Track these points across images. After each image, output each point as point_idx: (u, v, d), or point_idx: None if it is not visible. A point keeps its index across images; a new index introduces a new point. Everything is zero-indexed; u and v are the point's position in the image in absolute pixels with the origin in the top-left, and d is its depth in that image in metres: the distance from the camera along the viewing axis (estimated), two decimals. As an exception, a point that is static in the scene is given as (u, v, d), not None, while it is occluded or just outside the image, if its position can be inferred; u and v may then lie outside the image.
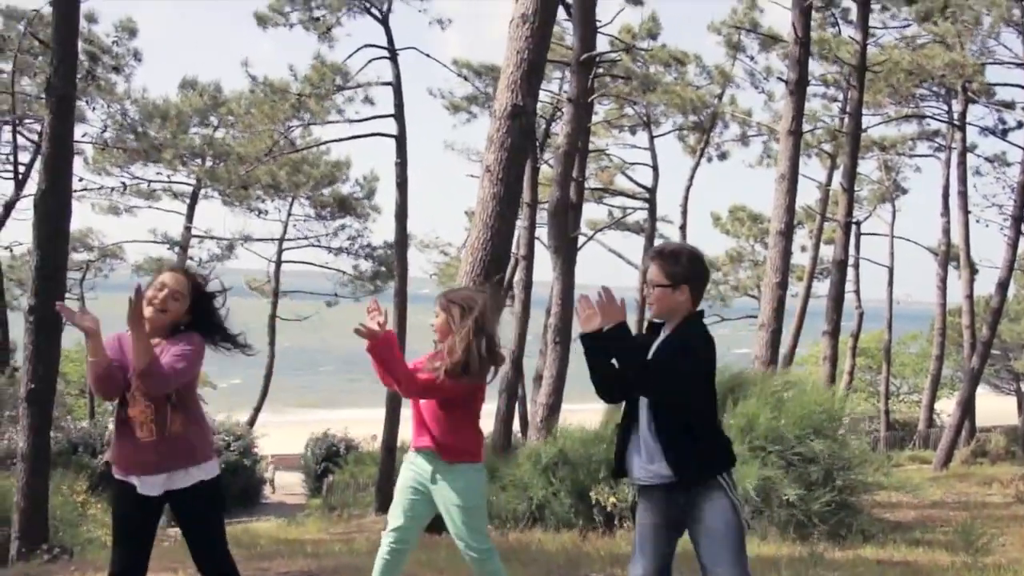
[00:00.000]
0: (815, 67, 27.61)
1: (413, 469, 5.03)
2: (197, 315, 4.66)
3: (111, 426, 4.66)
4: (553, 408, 15.84)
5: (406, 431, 25.71)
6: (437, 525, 5.25)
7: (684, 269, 4.30)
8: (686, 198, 31.62)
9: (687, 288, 4.30)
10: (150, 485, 4.50)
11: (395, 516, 5.02)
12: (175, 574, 6.92)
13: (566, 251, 15.87)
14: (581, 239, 25.43)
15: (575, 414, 13.99)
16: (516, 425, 22.93)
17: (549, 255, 16.38)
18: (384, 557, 4.99)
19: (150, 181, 29.36)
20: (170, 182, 30.21)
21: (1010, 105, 31.24)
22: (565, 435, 11.86)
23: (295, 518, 21.64)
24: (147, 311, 4.48)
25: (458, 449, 4.94)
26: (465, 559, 5.01)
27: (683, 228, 31.58)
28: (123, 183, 27.96)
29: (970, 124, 30.17)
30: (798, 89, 16.32)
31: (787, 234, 16.22)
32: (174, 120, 27.38)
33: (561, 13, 16.73)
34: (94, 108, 25.70)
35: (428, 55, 23.48)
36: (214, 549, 4.62)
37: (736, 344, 38.63)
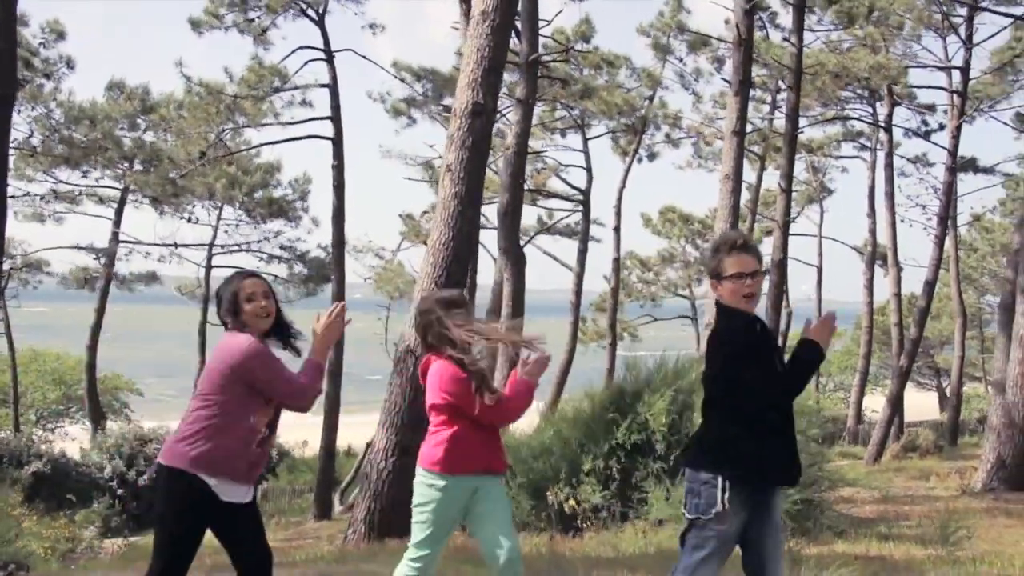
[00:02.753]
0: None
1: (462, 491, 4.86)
2: (279, 315, 4.72)
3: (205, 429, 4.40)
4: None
5: (346, 435, 25.49)
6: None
7: None
8: (619, 200, 31.69)
9: None
10: (246, 492, 4.55)
11: (433, 539, 4.84)
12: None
13: (515, 253, 15.79)
14: (518, 241, 25.34)
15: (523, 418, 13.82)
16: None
17: (497, 257, 16.25)
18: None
19: (79, 187, 28.49)
20: (97, 186, 29.39)
21: (931, 107, 32.07)
22: (520, 439, 11.74)
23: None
24: (255, 325, 4.57)
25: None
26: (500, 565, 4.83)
27: (617, 230, 31.67)
28: (53, 190, 27.09)
29: (895, 126, 30.80)
30: (742, 90, 16.45)
31: (732, 233, 16.30)
32: (102, 124, 26.70)
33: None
34: (19, 111, 24.92)
35: (365, 57, 23.29)
36: (267, 557, 4.62)
37: (671, 345, 38.81)
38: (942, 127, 31.29)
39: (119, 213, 30.48)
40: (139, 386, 42.39)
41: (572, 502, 10.39)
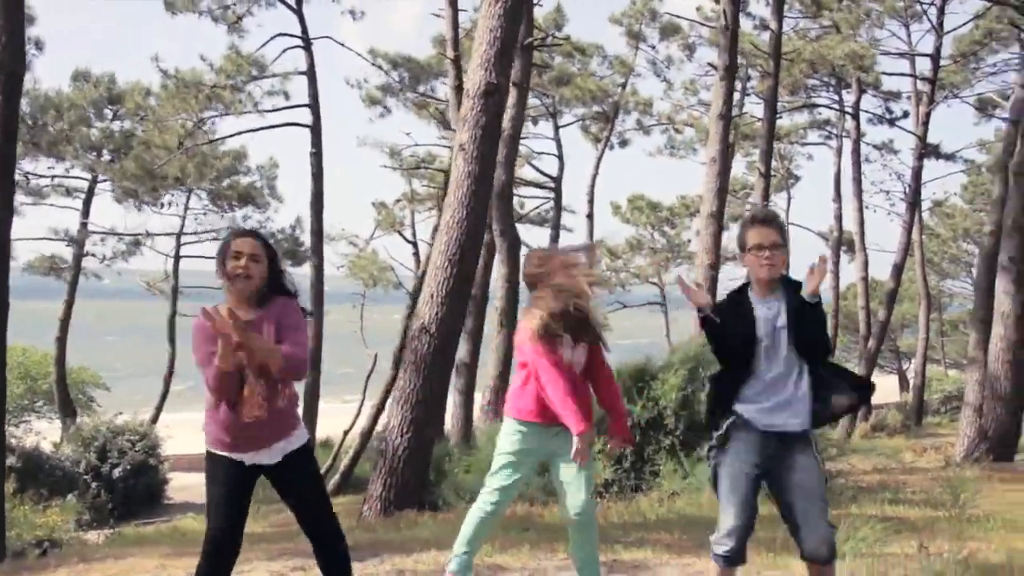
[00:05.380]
0: (709, 55, 28.26)
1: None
2: (274, 276, 4.48)
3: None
4: (499, 391, 15.90)
5: (320, 426, 25.38)
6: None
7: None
8: (592, 187, 31.87)
9: None
10: (266, 456, 4.48)
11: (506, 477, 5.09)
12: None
13: (511, 235, 15.93)
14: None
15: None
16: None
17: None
18: (484, 512, 5.09)
19: (46, 177, 28.12)
20: (65, 176, 29.02)
21: (897, 95, 32.60)
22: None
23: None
24: (231, 284, 4.35)
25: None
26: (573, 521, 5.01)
27: (590, 216, 31.86)
28: (26, 176, 26.71)
29: (863, 111, 31.25)
30: (728, 75, 16.72)
31: (718, 217, 16.61)
32: (68, 113, 26.37)
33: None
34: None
35: (343, 44, 23.31)
36: (323, 507, 4.60)
37: (639, 333, 39.16)
38: (906, 114, 31.83)
39: (87, 204, 30.10)
40: (104, 380, 41.77)
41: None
